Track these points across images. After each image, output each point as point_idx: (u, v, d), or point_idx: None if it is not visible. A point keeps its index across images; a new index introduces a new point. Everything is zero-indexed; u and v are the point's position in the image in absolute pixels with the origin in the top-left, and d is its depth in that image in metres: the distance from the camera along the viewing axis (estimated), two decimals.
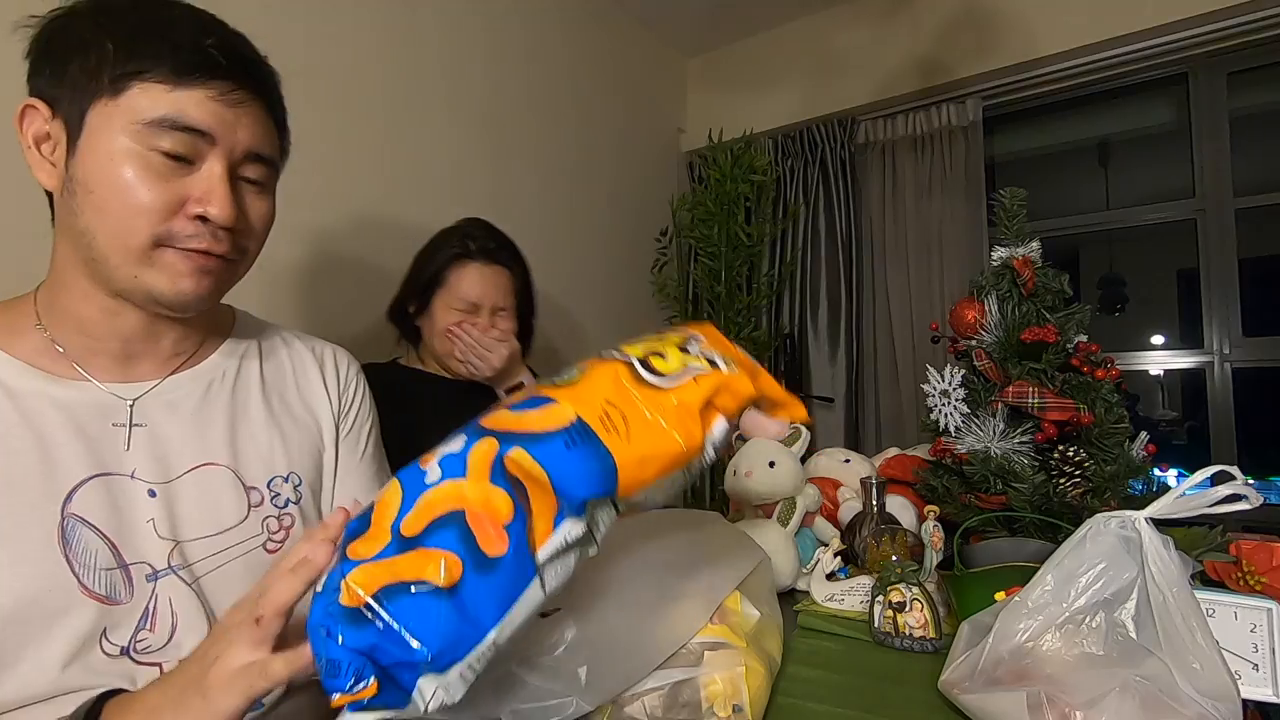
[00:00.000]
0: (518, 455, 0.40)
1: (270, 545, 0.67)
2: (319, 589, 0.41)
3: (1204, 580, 0.71)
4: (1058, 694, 0.51)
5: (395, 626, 0.37)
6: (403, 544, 0.39)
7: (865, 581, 0.88)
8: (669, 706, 0.52)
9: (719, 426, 0.46)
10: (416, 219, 1.68)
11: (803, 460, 1.04)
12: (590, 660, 0.49)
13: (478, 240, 1.25)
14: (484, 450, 0.41)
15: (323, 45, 1.47)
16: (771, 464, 0.98)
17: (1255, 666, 0.58)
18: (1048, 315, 0.96)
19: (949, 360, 1.05)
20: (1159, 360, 2.27)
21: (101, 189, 0.55)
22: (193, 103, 0.55)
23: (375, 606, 0.37)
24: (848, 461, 1.19)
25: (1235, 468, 0.55)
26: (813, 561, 0.96)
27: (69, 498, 0.56)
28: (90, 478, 0.58)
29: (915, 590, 0.77)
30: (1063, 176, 2.58)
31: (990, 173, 2.38)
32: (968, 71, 2.26)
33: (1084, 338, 0.95)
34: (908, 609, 0.77)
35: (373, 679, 0.38)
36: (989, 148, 2.36)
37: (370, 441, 0.82)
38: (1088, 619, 0.54)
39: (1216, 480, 0.54)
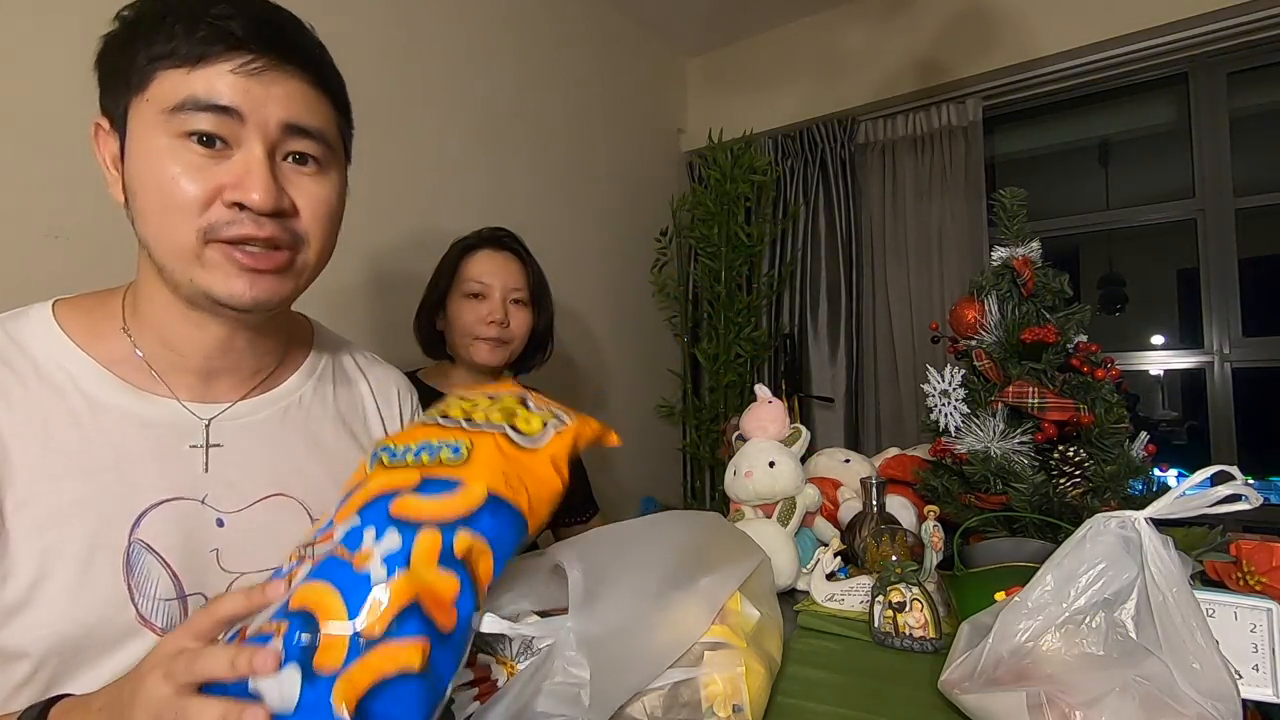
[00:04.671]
0: (463, 537, 0.46)
1: None
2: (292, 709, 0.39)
3: (1204, 580, 0.71)
4: (1058, 694, 0.51)
5: None
6: (366, 644, 0.40)
7: (865, 581, 0.88)
8: (669, 706, 0.52)
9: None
10: (415, 221, 1.68)
11: (803, 460, 1.04)
12: (592, 675, 0.49)
13: (486, 232, 1.30)
14: (429, 542, 0.45)
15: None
16: (771, 464, 0.98)
17: (1255, 666, 0.58)
18: (1048, 315, 0.96)
19: (949, 360, 1.05)
20: (1159, 360, 2.26)
21: (145, 191, 0.52)
22: (215, 78, 0.51)
23: (365, 712, 0.39)
24: (848, 461, 1.19)
25: (1235, 468, 0.55)
26: (813, 561, 0.96)
27: (137, 522, 0.54)
28: (161, 502, 0.56)
29: (915, 590, 0.77)
30: (1063, 176, 2.58)
31: (990, 173, 2.38)
32: (968, 71, 2.26)
33: (1084, 338, 0.95)
34: (908, 609, 0.77)
35: None
36: (989, 148, 2.35)
37: None
38: (1088, 619, 0.53)
39: (1216, 480, 0.54)
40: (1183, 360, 2.16)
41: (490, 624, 0.49)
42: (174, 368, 0.60)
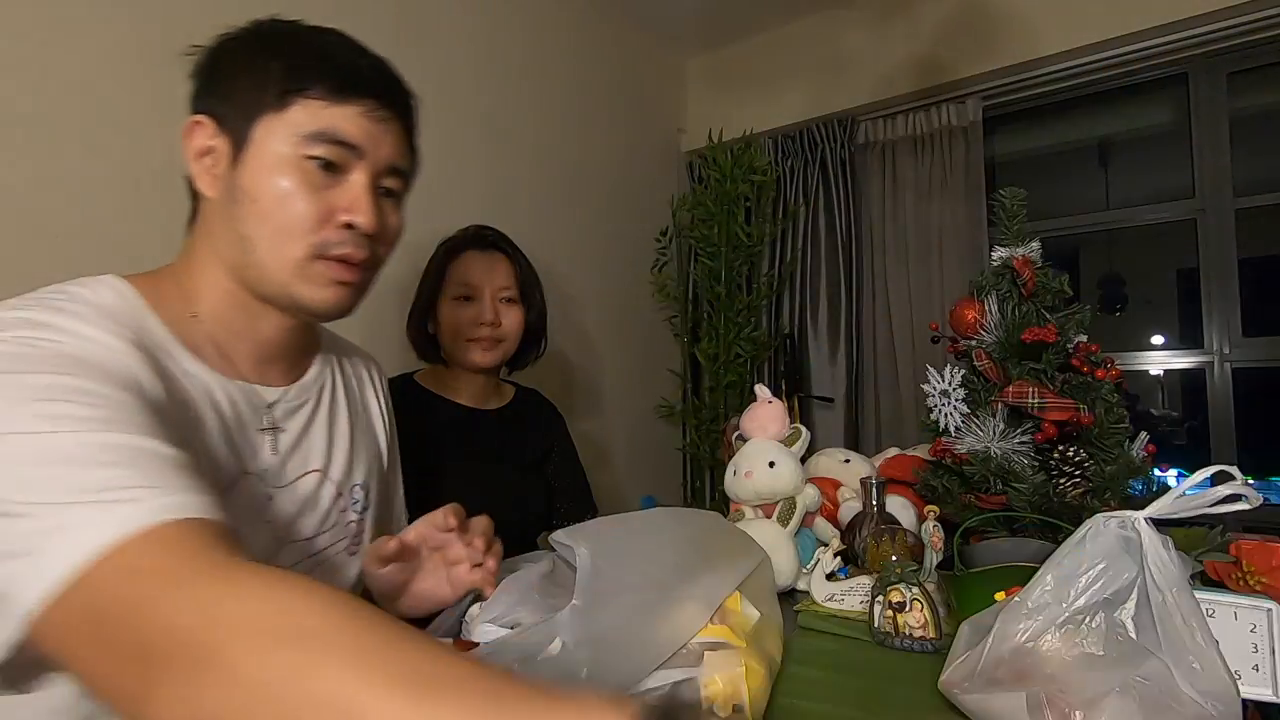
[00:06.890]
0: None
1: (351, 548, 0.72)
2: None
3: (1204, 580, 0.71)
4: (1058, 694, 0.51)
5: None
6: None
7: (865, 581, 0.88)
8: None
9: None
10: (414, 222, 1.68)
11: (803, 460, 1.04)
12: (591, 659, 0.49)
13: (471, 231, 1.29)
14: None
15: None
16: (771, 464, 0.98)
17: (1255, 666, 0.58)
18: (1048, 315, 0.96)
19: (949, 360, 1.05)
20: (1159, 360, 2.26)
21: (265, 198, 0.59)
22: (346, 118, 0.59)
23: None
24: (848, 461, 1.19)
25: (1235, 468, 0.55)
26: (813, 561, 0.96)
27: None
28: (240, 475, 0.61)
29: (915, 590, 0.77)
30: (1063, 176, 2.58)
31: (990, 173, 2.38)
32: (968, 71, 2.26)
33: (1084, 338, 0.95)
34: (908, 609, 0.77)
35: None
36: (989, 148, 2.35)
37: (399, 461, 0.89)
38: (1088, 619, 0.53)
39: (1216, 480, 0.54)
40: (1182, 360, 2.16)
41: (489, 634, 0.49)
42: (239, 355, 0.65)
